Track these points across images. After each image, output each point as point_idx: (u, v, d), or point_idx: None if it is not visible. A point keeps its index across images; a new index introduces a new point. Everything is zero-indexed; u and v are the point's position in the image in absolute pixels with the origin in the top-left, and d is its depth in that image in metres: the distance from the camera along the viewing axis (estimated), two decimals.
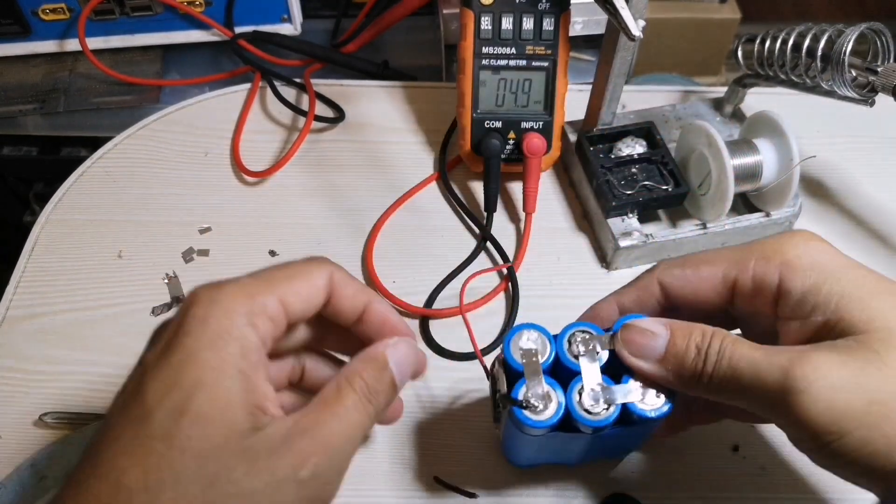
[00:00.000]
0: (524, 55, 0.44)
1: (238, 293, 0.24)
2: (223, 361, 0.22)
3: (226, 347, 0.23)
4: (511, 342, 0.29)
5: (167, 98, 0.59)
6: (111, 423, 0.22)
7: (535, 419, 0.27)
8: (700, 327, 0.27)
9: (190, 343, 0.22)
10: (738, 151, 0.43)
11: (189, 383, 0.22)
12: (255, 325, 0.23)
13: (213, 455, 0.21)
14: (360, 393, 0.25)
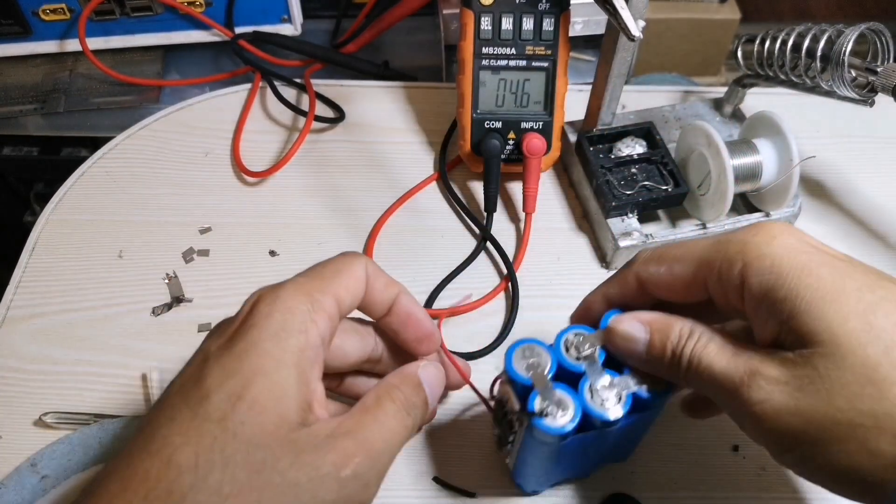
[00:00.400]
0: (524, 55, 0.44)
1: (298, 291, 0.25)
2: (283, 353, 0.23)
3: (287, 340, 0.23)
4: (512, 361, 0.29)
5: (167, 98, 0.59)
6: (169, 404, 0.23)
7: (557, 426, 0.28)
8: (677, 327, 0.27)
9: (254, 334, 0.23)
10: (737, 151, 0.43)
11: (249, 371, 0.23)
12: (315, 322, 0.24)
13: (262, 443, 0.22)
14: (400, 404, 0.26)
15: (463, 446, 0.37)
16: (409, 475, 0.36)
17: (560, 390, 0.29)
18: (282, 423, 0.22)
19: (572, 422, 0.28)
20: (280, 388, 0.23)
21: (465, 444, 0.37)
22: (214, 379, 0.23)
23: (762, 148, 0.43)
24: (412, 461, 0.36)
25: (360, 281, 0.27)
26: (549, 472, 0.33)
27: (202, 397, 0.22)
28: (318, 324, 0.24)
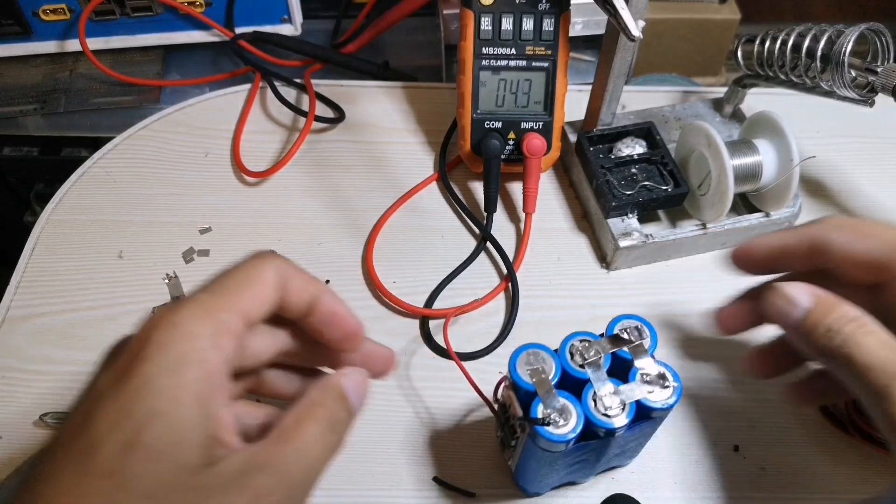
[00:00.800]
0: (524, 56, 0.44)
1: (199, 313, 0.22)
2: (181, 389, 0.21)
3: (185, 373, 0.21)
4: (516, 366, 0.29)
5: (168, 98, 0.59)
6: (54, 456, 0.20)
7: (559, 434, 0.28)
8: (844, 307, 0.28)
9: (147, 370, 0.21)
10: (737, 152, 0.43)
11: (142, 414, 0.20)
12: (219, 347, 0.22)
13: (161, 494, 0.20)
14: (322, 422, 0.23)
15: (464, 447, 0.37)
16: (409, 475, 0.36)
17: (563, 398, 0.29)
18: (182, 470, 0.20)
19: (574, 430, 0.28)
20: (178, 429, 0.20)
21: (467, 445, 0.37)
22: (103, 425, 0.20)
23: (762, 148, 0.43)
24: (412, 461, 0.36)
25: (272, 287, 0.24)
26: (550, 477, 0.33)
27: (89, 448, 0.20)
28: (223, 348, 0.22)
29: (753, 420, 0.38)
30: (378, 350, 0.29)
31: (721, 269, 0.45)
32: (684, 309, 0.43)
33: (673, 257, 0.45)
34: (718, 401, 0.39)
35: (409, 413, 0.38)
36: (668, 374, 0.30)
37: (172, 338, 0.21)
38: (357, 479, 0.36)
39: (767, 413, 0.39)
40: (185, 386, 0.21)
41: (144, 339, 0.22)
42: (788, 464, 0.37)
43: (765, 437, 0.38)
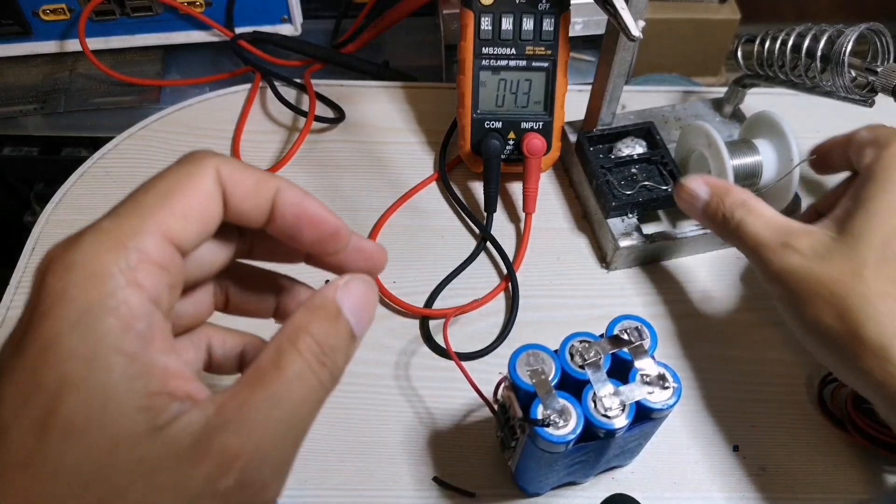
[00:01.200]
0: (524, 55, 0.44)
1: (103, 244, 0.17)
2: (95, 345, 0.16)
3: (96, 326, 0.17)
4: (516, 366, 0.29)
5: (167, 98, 0.59)
6: None
7: (559, 435, 0.28)
8: (734, 193, 0.35)
9: (48, 329, 0.16)
10: (737, 152, 0.43)
11: (50, 384, 0.16)
12: (137, 284, 0.17)
13: (96, 476, 0.16)
14: (309, 355, 0.18)
15: (464, 447, 0.37)
16: (409, 475, 0.36)
17: (563, 398, 0.29)
18: (117, 441, 0.16)
19: (574, 431, 0.28)
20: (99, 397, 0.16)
21: (467, 445, 0.37)
22: (9, 405, 0.16)
23: (762, 148, 0.43)
24: (412, 461, 0.36)
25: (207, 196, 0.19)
26: (550, 477, 0.33)
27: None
28: (143, 285, 0.17)
29: (753, 420, 0.38)
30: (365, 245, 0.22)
31: (722, 269, 0.45)
32: (684, 309, 0.43)
33: (673, 257, 0.45)
34: (718, 401, 0.39)
35: (409, 413, 0.38)
36: (668, 374, 0.30)
37: (72, 283, 0.17)
38: (356, 479, 0.36)
39: (767, 413, 0.39)
40: (100, 342, 0.16)
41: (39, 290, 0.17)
42: (788, 464, 0.37)
43: (765, 437, 0.38)
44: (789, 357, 0.41)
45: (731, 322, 0.42)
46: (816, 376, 0.39)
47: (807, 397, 0.39)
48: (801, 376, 0.40)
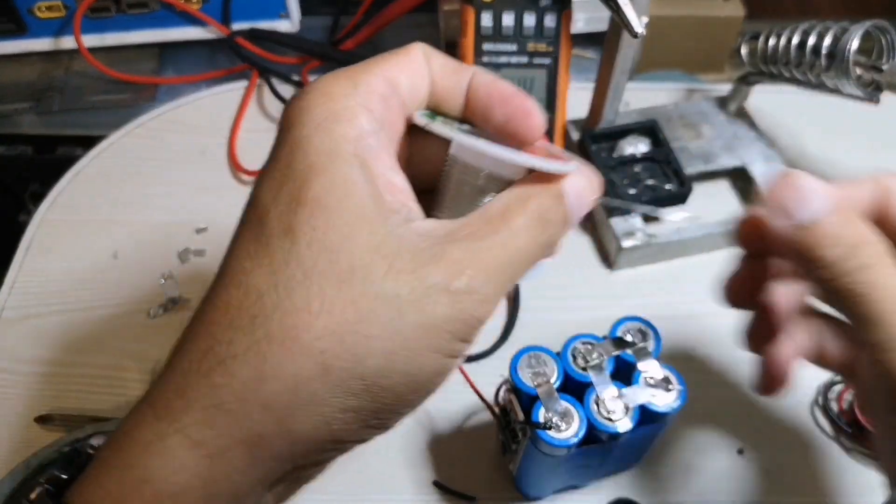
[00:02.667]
0: (525, 52, 0.44)
1: (339, 78, 0.21)
2: (335, 144, 0.19)
3: (336, 130, 0.19)
4: (517, 368, 0.29)
5: (163, 96, 0.58)
6: (233, 238, 0.20)
7: (561, 438, 0.27)
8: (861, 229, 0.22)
9: (295, 133, 0.19)
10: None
11: (300, 171, 0.19)
12: (367, 107, 0.20)
13: (344, 248, 0.18)
14: (533, 216, 0.20)
15: (464, 450, 0.36)
16: (408, 479, 0.36)
17: (565, 401, 0.28)
18: (359, 223, 0.18)
19: (577, 434, 0.28)
20: (343, 182, 0.19)
21: (467, 449, 0.37)
22: (267, 192, 0.19)
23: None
24: (412, 465, 0.36)
25: (418, 63, 0.22)
26: (552, 481, 0.33)
27: (260, 215, 0.19)
28: (371, 106, 0.20)
29: (758, 423, 0.38)
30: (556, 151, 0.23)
31: (727, 269, 0.44)
32: (689, 310, 0.42)
33: (677, 257, 0.44)
34: (723, 404, 0.39)
35: (409, 416, 0.38)
36: (672, 377, 0.29)
37: (313, 100, 0.20)
38: (356, 483, 0.36)
39: (772, 416, 0.38)
40: (339, 142, 0.19)
41: (290, 108, 0.20)
42: (793, 467, 0.36)
43: (770, 440, 0.37)
44: None
45: (735, 323, 0.42)
46: (821, 379, 0.39)
47: (812, 400, 0.39)
48: (806, 379, 0.39)
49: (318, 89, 0.20)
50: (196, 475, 0.18)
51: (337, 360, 0.18)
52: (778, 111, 0.52)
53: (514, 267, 0.20)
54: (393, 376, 0.19)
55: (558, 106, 0.45)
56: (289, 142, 0.20)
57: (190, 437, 0.18)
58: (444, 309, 0.19)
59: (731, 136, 0.48)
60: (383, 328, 0.18)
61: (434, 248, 0.19)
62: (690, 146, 0.47)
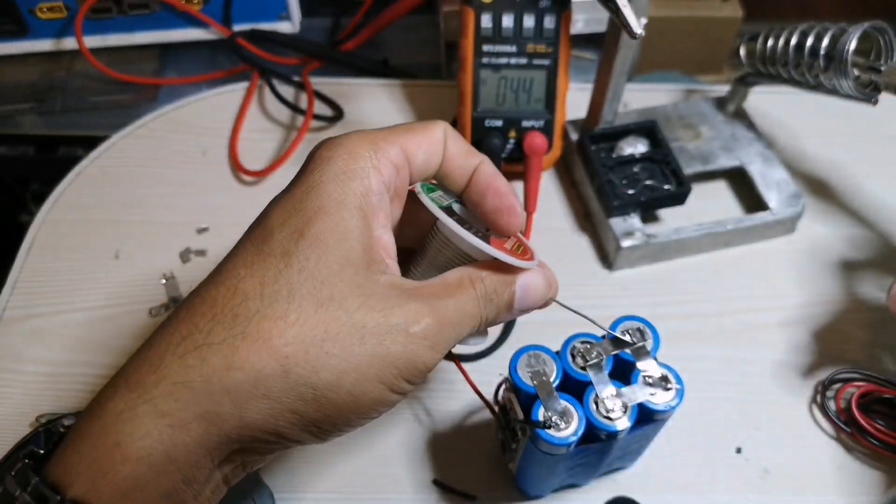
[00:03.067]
0: (525, 53, 0.44)
1: (363, 138, 0.24)
2: (344, 195, 0.23)
3: (349, 183, 0.23)
4: (517, 368, 0.29)
5: (165, 97, 0.58)
6: (236, 245, 0.24)
7: (560, 437, 0.27)
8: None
9: (314, 177, 0.23)
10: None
11: (310, 210, 0.22)
12: (378, 169, 0.23)
13: (328, 280, 0.22)
14: (481, 291, 0.24)
15: (465, 449, 0.37)
16: (409, 478, 0.36)
17: (565, 400, 0.28)
18: (347, 264, 0.22)
19: (576, 433, 0.28)
20: (343, 228, 0.22)
21: (467, 448, 0.37)
22: (277, 218, 0.23)
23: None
24: (412, 464, 0.36)
25: (436, 141, 0.25)
26: (551, 479, 0.33)
27: (266, 234, 0.23)
28: (382, 171, 0.24)
29: (756, 422, 0.38)
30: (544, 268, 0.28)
31: (725, 269, 0.44)
32: (687, 310, 0.43)
33: (675, 257, 0.44)
34: (721, 402, 0.39)
35: (409, 415, 0.38)
36: (671, 375, 0.29)
37: (336, 154, 0.23)
38: (356, 481, 0.36)
39: (770, 415, 0.38)
40: (349, 193, 0.23)
41: (313, 156, 0.24)
42: (791, 466, 0.37)
43: (768, 438, 0.37)
44: (792, 358, 0.40)
45: (733, 323, 0.42)
46: (819, 378, 0.39)
47: (810, 398, 0.39)
48: (804, 377, 0.40)
49: (344, 146, 0.24)
50: (159, 441, 0.21)
51: (297, 366, 0.21)
52: (776, 112, 0.52)
53: (459, 327, 0.24)
54: (340, 393, 0.21)
55: (558, 106, 0.45)
56: (307, 182, 0.23)
57: (157, 408, 0.21)
58: (399, 347, 0.22)
59: (730, 136, 0.48)
60: (343, 349, 0.21)
61: (401, 298, 0.23)
62: (689, 147, 0.48)
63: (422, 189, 0.25)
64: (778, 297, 0.43)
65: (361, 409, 0.22)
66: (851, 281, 0.44)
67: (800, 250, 0.45)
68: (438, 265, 0.26)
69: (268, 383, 0.21)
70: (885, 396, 0.37)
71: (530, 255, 0.26)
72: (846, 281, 0.44)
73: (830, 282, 0.44)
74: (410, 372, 0.23)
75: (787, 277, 0.44)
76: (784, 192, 0.45)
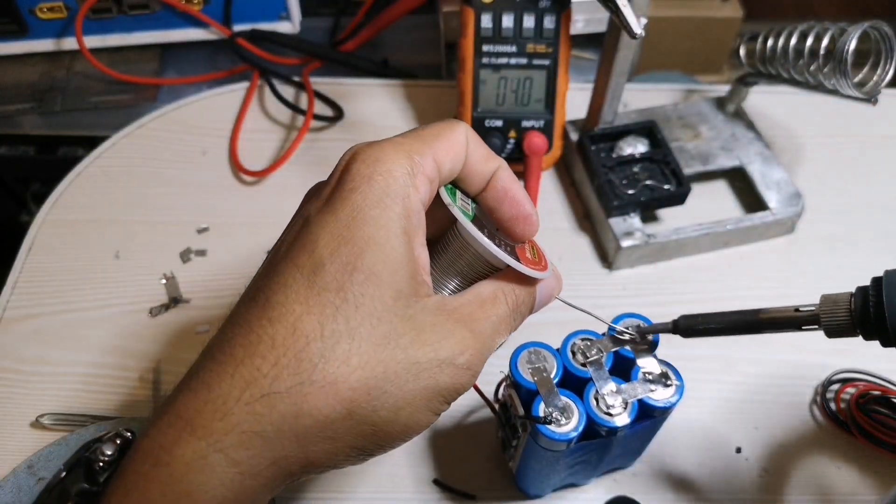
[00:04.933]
0: (525, 53, 0.44)
1: (399, 153, 0.23)
2: (390, 221, 0.22)
3: (392, 207, 0.22)
4: (517, 365, 0.29)
5: (165, 97, 0.58)
6: (279, 270, 0.22)
7: (561, 432, 0.27)
8: None
9: (357, 200, 0.22)
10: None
11: (360, 240, 0.22)
12: (417, 188, 0.23)
13: (384, 317, 0.22)
14: (512, 305, 0.25)
15: (465, 448, 0.37)
16: (408, 477, 0.36)
17: (565, 396, 0.28)
18: (398, 297, 0.22)
19: (576, 429, 0.28)
20: (393, 258, 0.22)
21: (467, 447, 0.37)
22: (325, 246, 0.22)
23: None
24: (412, 463, 0.36)
25: (461, 146, 0.25)
26: (552, 478, 0.33)
27: (316, 265, 0.22)
28: (420, 189, 0.23)
29: (756, 421, 0.38)
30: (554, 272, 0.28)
31: (724, 269, 0.44)
32: (686, 309, 0.42)
33: (675, 257, 0.45)
34: (721, 402, 0.39)
35: None
36: (671, 372, 0.30)
37: (375, 171, 0.22)
38: (356, 480, 0.36)
39: (770, 414, 0.38)
40: (393, 218, 0.22)
41: (347, 171, 0.23)
42: (791, 465, 0.37)
43: (767, 438, 0.37)
44: (793, 358, 0.40)
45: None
46: (820, 377, 0.39)
47: (810, 398, 0.39)
48: (805, 377, 0.40)
49: (382, 163, 0.22)
50: (230, 489, 0.21)
51: (359, 407, 0.21)
52: (776, 112, 0.52)
53: (494, 344, 0.25)
54: (396, 426, 0.22)
55: (557, 106, 0.45)
56: (351, 205, 0.22)
57: (230, 457, 0.21)
58: (447, 378, 0.23)
59: (730, 136, 0.48)
60: (399, 387, 0.22)
61: (447, 324, 0.23)
62: (689, 146, 0.48)
63: (447, 192, 0.25)
64: (778, 297, 0.43)
65: (410, 434, 0.23)
66: (851, 281, 0.44)
67: (799, 250, 0.45)
68: (457, 267, 0.26)
69: (334, 427, 0.21)
70: (885, 396, 0.37)
71: (543, 259, 0.27)
72: (845, 281, 0.44)
73: (830, 282, 0.44)
74: (453, 397, 0.23)
75: (786, 277, 0.44)
76: (784, 192, 0.45)
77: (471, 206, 0.26)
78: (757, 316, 0.27)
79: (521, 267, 0.25)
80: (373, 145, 0.23)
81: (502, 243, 0.25)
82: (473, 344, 0.23)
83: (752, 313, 0.27)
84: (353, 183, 0.22)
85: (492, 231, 0.26)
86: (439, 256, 0.27)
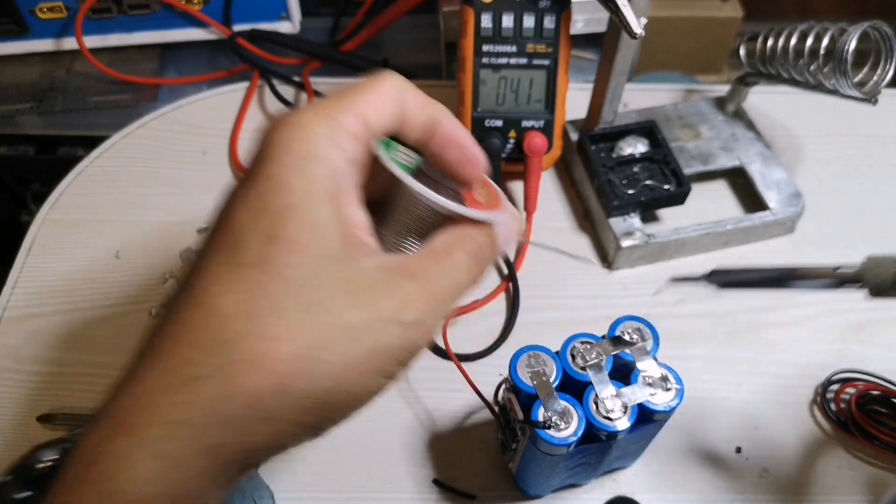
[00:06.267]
0: (525, 53, 0.44)
1: (317, 115, 0.22)
2: (311, 185, 0.21)
3: (312, 171, 0.21)
4: (517, 368, 0.29)
5: (165, 97, 0.58)
6: (201, 255, 0.21)
7: (560, 437, 0.27)
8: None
9: (275, 169, 0.21)
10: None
11: (277, 209, 0.21)
12: (340, 147, 0.22)
13: (310, 283, 0.20)
14: (471, 254, 0.24)
15: (464, 449, 0.37)
16: (408, 477, 0.36)
17: (564, 400, 0.28)
18: (326, 261, 0.21)
19: (575, 433, 0.28)
20: (315, 223, 0.21)
21: (467, 447, 0.37)
22: (242, 221, 0.21)
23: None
24: (412, 463, 0.36)
25: (389, 98, 0.24)
26: (551, 479, 0.33)
27: (234, 242, 0.21)
28: (343, 147, 0.22)
29: (756, 422, 0.38)
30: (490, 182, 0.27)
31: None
32: (687, 310, 0.43)
33: (675, 257, 0.45)
34: (721, 402, 0.39)
35: (409, 415, 0.38)
36: (671, 375, 0.30)
37: (294, 137, 0.21)
38: (356, 481, 0.36)
39: (770, 415, 0.38)
40: (314, 182, 0.21)
41: (268, 141, 0.22)
42: (791, 466, 0.37)
43: (767, 438, 0.37)
44: (792, 358, 0.40)
45: (733, 323, 0.42)
46: (820, 377, 0.39)
47: (810, 398, 0.39)
48: (805, 377, 0.40)
49: (296, 125, 0.21)
50: (162, 484, 0.20)
51: (293, 381, 0.20)
52: (776, 112, 0.52)
53: (452, 299, 0.23)
54: (340, 394, 0.21)
55: (557, 106, 0.45)
56: (266, 174, 0.21)
57: (155, 450, 0.20)
58: (394, 338, 0.21)
59: (730, 136, 0.48)
60: (338, 353, 0.20)
61: (389, 281, 0.21)
62: (689, 146, 0.48)
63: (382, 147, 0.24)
64: (777, 297, 0.43)
65: (360, 402, 0.22)
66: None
67: (799, 250, 0.45)
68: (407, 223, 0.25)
69: (267, 405, 0.20)
70: (885, 396, 0.37)
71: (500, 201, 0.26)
72: None
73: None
74: (407, 357, 0.22)
75: None
76: (783, 192, 0.45)
77: (413, 158, 0.25)
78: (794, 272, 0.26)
79: (466, 210, 0.23)
80: (291, 113, 0.22)
81: (450, 191, 0.24)
82: (421, 297, 0.22)
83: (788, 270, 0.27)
84: (268, 151, 0.21)
85: (439, 180, 0.25)
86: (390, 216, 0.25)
